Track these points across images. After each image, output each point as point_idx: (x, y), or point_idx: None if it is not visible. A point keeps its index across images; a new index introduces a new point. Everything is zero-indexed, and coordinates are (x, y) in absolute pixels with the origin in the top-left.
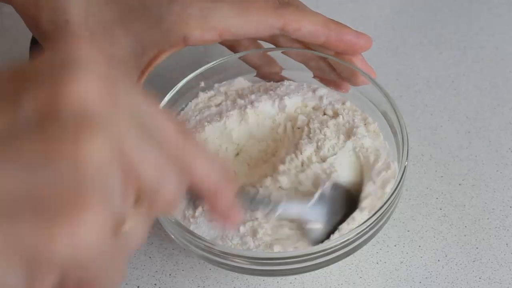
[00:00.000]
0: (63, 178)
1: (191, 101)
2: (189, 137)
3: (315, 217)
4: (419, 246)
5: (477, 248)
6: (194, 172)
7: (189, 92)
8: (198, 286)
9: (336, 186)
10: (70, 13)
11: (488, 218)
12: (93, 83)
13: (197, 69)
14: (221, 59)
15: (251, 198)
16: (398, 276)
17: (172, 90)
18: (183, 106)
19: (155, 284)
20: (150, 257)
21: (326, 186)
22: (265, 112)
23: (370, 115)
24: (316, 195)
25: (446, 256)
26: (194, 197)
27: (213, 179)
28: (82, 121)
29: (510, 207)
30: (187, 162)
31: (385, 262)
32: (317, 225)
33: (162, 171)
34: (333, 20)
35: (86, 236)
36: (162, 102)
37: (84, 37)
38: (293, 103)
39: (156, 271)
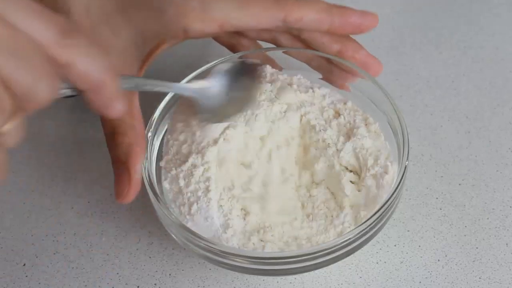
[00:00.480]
0: None
1: None
2: (69, 35)
3: (211, 95)
4: (419, 246)
5: (477, 248)
6: (71, 72)
7: None
8: (198, 286)
9: (241, 63)
10: (72, 3)
11: (488, 218)
12: None
13: (196, 69)
14: (221, 58)
15: (140, 83)
16: (398, 276)
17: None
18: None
19: (155, 284)
20: (150, 257)
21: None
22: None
23: (371, 115)
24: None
25: (446, 256)
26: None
27: (92, 78)
28: None
29: (510, 207)
30: (63, 62)
31: (385, 262)
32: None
33: (35, 79)
34: (335, 4)
35: None
36: (162, 102)
37: (85, 27)
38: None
39: (156, 271)
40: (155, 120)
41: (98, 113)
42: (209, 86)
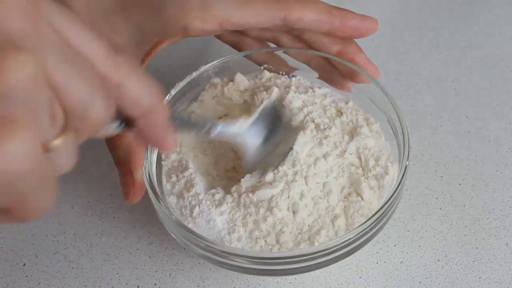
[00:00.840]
0: None
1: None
2: (121, 56)
3: (252, 137)
4: (419, 246)
5: (477, 248)
6: (124, 93)
7: (190, 92)
8: (198, 286)
9: (274, 107)
10: (72, 0)
11: (488, 218)
12: (13, 3)
13: (196, 70)
14: (222, 58)
15: (186, 120)
16: (398, 276)
17: (173, 89)
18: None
19: (155, 284)
20: (150, 257)
21: (264, 107)
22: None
23: (372, 115)
24: (255, 115)
25: (446, 256)
26: (125, 120)
27: (144, 102)
28: (4, 43)
29: (510, 207)
30: (116, 82)
31: (385, 262)
32: (253, 146)
33: (89, 93)
34: (336, 6)
35: (15, 152)
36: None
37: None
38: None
39: (156, 271)
40: None
41: (151, 146)
42: (251, 134)
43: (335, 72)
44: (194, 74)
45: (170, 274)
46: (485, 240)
